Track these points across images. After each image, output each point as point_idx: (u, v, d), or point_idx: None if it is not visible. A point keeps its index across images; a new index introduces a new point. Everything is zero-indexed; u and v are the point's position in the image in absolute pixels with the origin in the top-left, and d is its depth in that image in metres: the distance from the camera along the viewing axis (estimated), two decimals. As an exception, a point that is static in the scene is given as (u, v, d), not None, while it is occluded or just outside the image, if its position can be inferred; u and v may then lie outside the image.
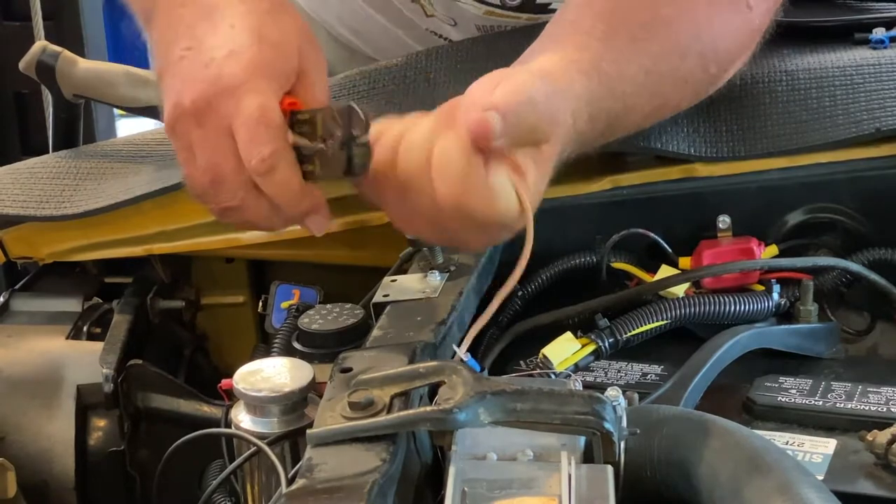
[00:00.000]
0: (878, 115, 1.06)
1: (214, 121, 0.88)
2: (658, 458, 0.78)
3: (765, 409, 0.94)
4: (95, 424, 1.06)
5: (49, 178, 1.18)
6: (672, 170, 1.09)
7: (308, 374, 0.89)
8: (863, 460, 0.85)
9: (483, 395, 0.74)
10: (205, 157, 0.89)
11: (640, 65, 0.96)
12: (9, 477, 0.95)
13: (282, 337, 1.03)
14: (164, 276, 1.21)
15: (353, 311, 1.00)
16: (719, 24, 1.02)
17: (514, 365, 1.00)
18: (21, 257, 1.20)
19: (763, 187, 1.08)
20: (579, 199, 1.08)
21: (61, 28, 2.43)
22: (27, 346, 1.11)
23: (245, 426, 0.88)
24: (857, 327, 1.06)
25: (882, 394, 0.93)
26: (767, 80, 1.12)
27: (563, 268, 1.07)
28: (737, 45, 1.04)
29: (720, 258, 1.03)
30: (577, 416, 0.74)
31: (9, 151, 2.45)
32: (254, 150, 0.87)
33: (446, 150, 0.84)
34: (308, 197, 0.89)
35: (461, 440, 0.75)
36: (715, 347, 0.97)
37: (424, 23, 1.31)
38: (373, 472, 0.72)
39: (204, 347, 1.25)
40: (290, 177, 0.87)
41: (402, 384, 0.78)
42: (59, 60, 1.21)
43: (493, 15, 1.27)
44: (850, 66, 1.12)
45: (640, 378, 0.99)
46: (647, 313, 1.00)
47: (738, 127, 1.10)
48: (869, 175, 1.07)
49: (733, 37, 1.04)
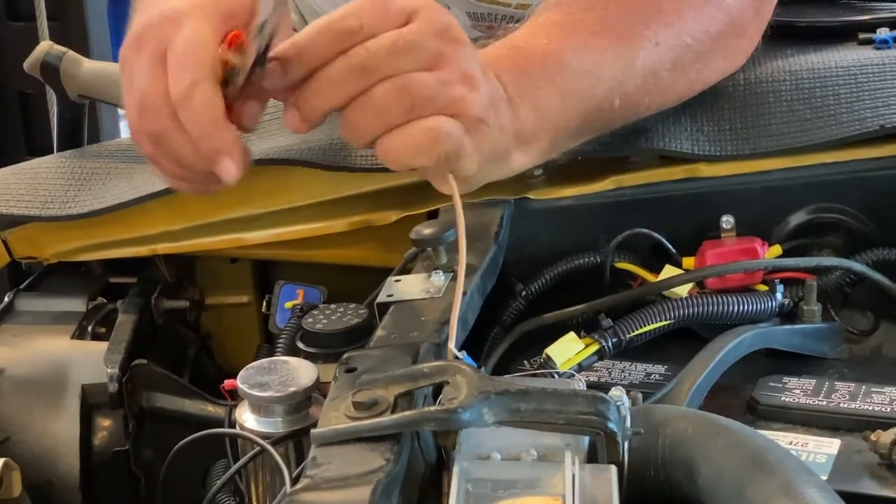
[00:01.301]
0: (883, 113, 1.06)
1: (150, 46, 0.89)
2: (662, 458, 0.78)
3: (768, 409, 0.94)
4: (100, 424, 1.06)
5: (53, 178, 1.18)
6: (676, 170, 1.09)
7: (312, 374, 0.89)
8: (867, 460, 0.85)
9: (487, 395, 0.74)
10: (138, 81, 0.89)
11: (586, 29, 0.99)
12: (14, 476, 0.95)
13: (286, 337, 1.03)
14: (169, 276, 1.21)
15: (357, 311, 1.00)
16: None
17: (518, 365, 1.00)
18: (26, 257, 1.20)
19: (767, 187, 1.08)
20: (583, 199, 1.08)
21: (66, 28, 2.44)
22: (32, 345, 1.11)
23: (249, 426, 0.88)
24: (861, 327, 1.06)
25: (886, 394, 0.93)
26: (771, 79, 1.12)
27: (567, 268, 1.07)
28: (709, 20, 1.06)
29: (724, 258, 1.03)
30: (581, 416, 0.74)
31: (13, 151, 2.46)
32: (176, 77, 0.87)
33: None
34: (221, 133, 0.87)
35: (465, 440, 0.75)
36: (718, 347, 0.97)
37: None
38: (377, 471, 0.72)
39: (208, 347, 1.26)
40: (204, 108, 0.86)
41: (406, 384, 0.78)
42: (64, 61, 1.22)
43: (484, 2, 1.28)
44: (854, 66, 1.12)
45: (643, 378, 0.99)
46: (650, 313, 1.00)
47: (742, 126, 1.10)
48: (873, 175, 1.07)
49: (700, 9, 1.05)
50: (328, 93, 0.86)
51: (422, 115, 0.86)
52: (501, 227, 1.05)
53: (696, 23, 1.05)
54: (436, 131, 0.86)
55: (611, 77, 1.00)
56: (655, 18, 1.03)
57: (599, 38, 1.00)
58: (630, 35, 1.01)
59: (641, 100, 1.03)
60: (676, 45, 1.04)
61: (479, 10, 1.28)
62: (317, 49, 0.86)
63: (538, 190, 1.09)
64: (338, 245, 1.14)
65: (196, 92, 0.86)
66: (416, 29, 0.86)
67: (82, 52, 1.25)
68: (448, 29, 0.88)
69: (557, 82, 0.96)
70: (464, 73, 0.87)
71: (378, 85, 0.85)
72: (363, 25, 0.85)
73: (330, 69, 0.86)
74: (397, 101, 0.85)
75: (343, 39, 0.85)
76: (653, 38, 1.02)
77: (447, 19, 0.88)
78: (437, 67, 0.86)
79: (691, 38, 1.04)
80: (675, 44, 1.03)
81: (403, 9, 0.86)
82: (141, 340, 1.11)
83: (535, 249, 1.08)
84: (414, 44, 0.86)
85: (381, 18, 0.86)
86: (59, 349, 1.10)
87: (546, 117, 0.95)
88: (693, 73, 1.06)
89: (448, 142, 0.87)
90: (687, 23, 1.04)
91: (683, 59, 1.05)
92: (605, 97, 1.00)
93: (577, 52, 0.98)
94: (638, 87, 1.02)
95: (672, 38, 1.03)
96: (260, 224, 1.14)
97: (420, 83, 0.86)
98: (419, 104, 0.86)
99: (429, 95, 0.86)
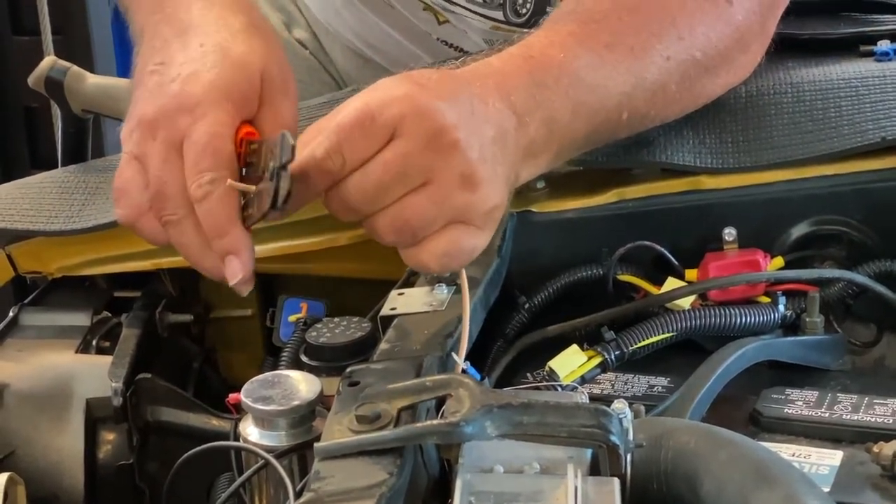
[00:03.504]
0: (884, 125, 1.07)
1: (168, 136, 0.89)
2: (665, 471, 0.79)
3: (771, 420, 0.94)
4: (105, 438, 1.06)
5: (58, 192, 1.19)
6: (678, 182, 1.09)
7: (316, 388, 0.89)
8: (869, 472, 0.85)
9: (490, 409, 0.74)
10: (154, 169, 0.89)
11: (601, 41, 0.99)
12: (19, 491, 0.95)
13: (289, 350, 1.03)
14: (173, 290, 1.21)
15: (361, 324, 1.00)
16: (693, 10, 1.04)
17: (521, 377, 1.00)
18: (30, 272, 1.20)
19: (769, 199, 1.08)
20: (585, 211, 1.09)
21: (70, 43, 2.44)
22: (36, 360, 1.11)
23: (253, 439, 0.89)
24: (864, 339, 1.06)
25: (888, 405, 0.93)
26: (773, 92, 1.12)
27: (570, 280, 1.07)
28: (718, 35, 1.05)
29: (726, 270, 1.03)
30: (584, 429, 0.74)
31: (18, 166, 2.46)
32: (195, 173, 0.87)
33: None
34: (232, 233, 0.87)
35: (468, 453, 0.75)
36: (721, 359, 0.97)
37: (437, 32, 1.31)
38: (380, 485, 0.72)
39: (212, 361, 1.26)
40: (219, 207, 0.86)
41: (410, 397, 0.78)
42: (68, 76, 1.22)
43: (499, 30, 1.28)
44: (856, 78, 1.13)
45: (646, 390, 0.99)
46: (653, 325, 1.00)
47: (744, 138, 1.10)
48: (875, 187, 1.07)
49: (711, 25, 1.05)
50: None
51: (428, 234, 0.86)
52: (504, 240, 1.05)
53: (705, 38, 1.05)
54: (448, 253, 0.87)
55: (621, 91, 1.00)
56: (668, 32, 1.03)
57: (613, 51, 0.99)
58: (643, 49, 1.01)
59: (648, 112, 1.03)
60: (686, 60, 1.04)
61: (495, 36, 1.29)
62: (309, 190, 0.86)
63: (541, 203, 1.09)
64: (341, 258, 1.15)
65: (215, 188, 0.86)
66: (402, 150, 0.84)
67: (86, 67, 1.25)
68: (437, 136, 0.85)
69: (570, 96, 0.96)
70: (461, 176, 0.85)
71: (378, 216, 0.86)
72: (346, 161, 0.85)
73: (328, 206, 0.87)
74: (399, 233, 0.86)
75: (330, 177, 0.85)
76: (664, 52, 1.02)
77: (435, 123, 0.85)
78: (432, 181, 0.85)
79: (701, 52, 1.04)
80: (684, 58, 1.03)
81: (387, 123, 0.84)
82: (145, 354, 1.11)
83: (538, 262, 1.08)
84: (402, 171, 0.84)
85: (365, 143, 0.84)
86: (64, 363, 1.10)
87: (555, 130, 0.95)
88: (699, 87, 1.06)
89: (464, 254, 0.88)
90: (697, 37, 1.04)
91: (691, 74, 1.05)
92: (614, 110, 1.00)
93: (590, 66, 0.98)
94: (646, 100, 1.02)
95: (682, 52, 1.03)
96: (263, 238, 1.14)
97: (416, 212, 0.85)
98: (422, 228, 0.86)
99: (430, 219, 0.86)
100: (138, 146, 0.90)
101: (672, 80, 1.03)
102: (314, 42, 1.45)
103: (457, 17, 1.29)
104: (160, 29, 0.96)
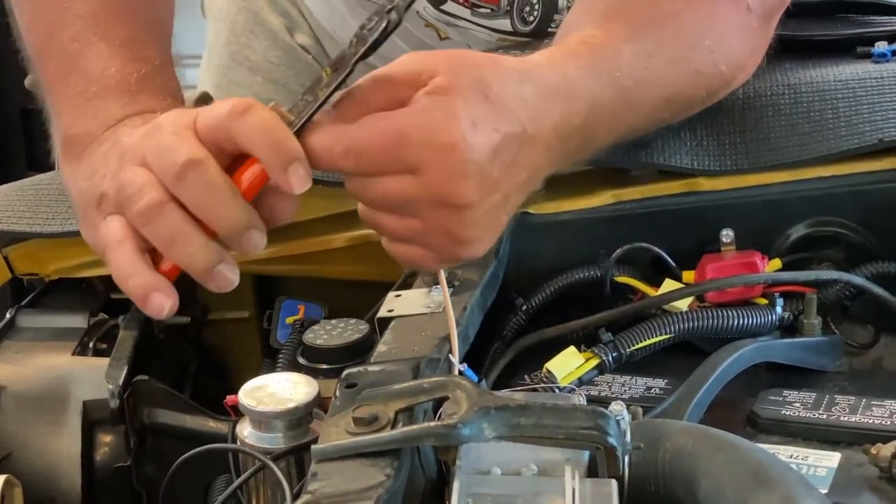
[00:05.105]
0: (881, 126, 1.07)
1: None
2: (662, 473, 0.79)
3: (769, 422, 0.94)
4: (102, 440, 1.06)
5: (55, 194, 1.19)
6: (675, 184, 1.09)
7: (313, 390, 0.89)
8: (867, 474, 0.85)
9: (487, 410, 0.74)
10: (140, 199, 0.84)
11: (643, 48, 0.96)
12: (16, 493, 0.95)
13: (287, 352, 1.03)
14: (170, 292, 1.21)
15: (358, 326, 1.01)
16: (723, 20, 1.03)
17: (519, 379, 1.00)
18: (27, 274, 1.20)
19: (766, 201, 1.08)
20: (583, 213, 1.09)
21: (67, 44, 2.43)
22: (33, 362, 1.11)
23: (250, 441, 0.89)
24: (861, 340, 1.06)
25: (886, 407, 0.93)
26: (770, 93, 1.12)
27: (567, 282, 1.07)
28: (741, 45, 1.05)
29: (724, 272, 1.03)
30: (581, 431, 0.74)
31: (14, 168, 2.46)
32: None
33: None
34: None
35: (465, 455, 0.75)
36: (719, 361, 0.97)
37: (438, 46, 1.31)
38: (377, 487, 0.72)
39: (209, 363, 1.26)
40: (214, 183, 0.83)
41: (407, 399, 0.78)
42: (65, 78, 1.22)
43: (507, 42, 1.28)
44: (853, 80, 1.13)
45: (644, 392, 0.99)
46: (650, 327, 1.00)
47: (742, 140, 1.10)
48: (872, 188, 1.07)
49: (736, 35, 1.04)
50: None
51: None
52: (501, 242, 1.05)
53: (730, 49, 1.04)
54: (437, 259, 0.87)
55: (652, 107, 0.99)
56: (701, 44, 1.01)
57: (655, 60, 0.97)
58: (677, 62, 1.00)
59: (662, 119, 1.04)
60: (713, 74, 1.03)
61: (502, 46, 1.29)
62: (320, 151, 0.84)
63: (538, 204, 1.09)
64: (338, 260, 1.15)
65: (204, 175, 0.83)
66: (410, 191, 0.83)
67: (83, 69, 1.25)
68: (450, 199, 0.83)
69: (617, 118, 0.95)
70: (453, 235, 0.84)
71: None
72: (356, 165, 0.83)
73: None
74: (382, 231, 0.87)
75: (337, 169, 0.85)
76: (696, 65, 1.01)
77: (459, 192, 0.82)
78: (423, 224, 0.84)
79: (725, 65, 1.03)
80: (712, 72, 1.02)
81: (414, 157, 0.81)
82: (142, 356, 1.11)
83: (536, 264, 1.08)
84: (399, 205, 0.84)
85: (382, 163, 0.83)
86: (61, 365, 1.10)
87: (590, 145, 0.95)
88: (717, 97, 1.06)
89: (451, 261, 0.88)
90: (724, 50, 1.03)
91: (715, 87, 1.04)
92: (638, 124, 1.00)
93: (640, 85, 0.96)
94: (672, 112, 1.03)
95: (710, 66, 1.02)
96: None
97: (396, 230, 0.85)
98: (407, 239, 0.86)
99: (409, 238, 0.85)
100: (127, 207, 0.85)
101: (697, 93, 1.03)
102: (317, 47, 1.45)
103: (460, 32, 1.28)
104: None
